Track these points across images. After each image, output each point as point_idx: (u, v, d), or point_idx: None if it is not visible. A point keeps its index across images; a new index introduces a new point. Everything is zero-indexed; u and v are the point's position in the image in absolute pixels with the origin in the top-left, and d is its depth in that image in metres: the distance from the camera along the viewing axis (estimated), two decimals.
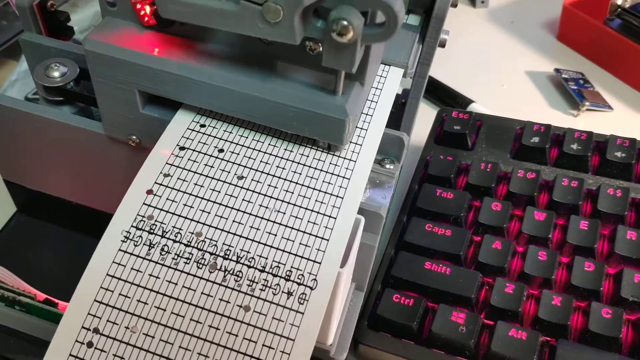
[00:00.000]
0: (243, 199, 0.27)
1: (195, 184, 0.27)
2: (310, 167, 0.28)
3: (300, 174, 0.28)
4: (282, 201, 0.27)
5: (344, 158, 0.29)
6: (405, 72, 0.34)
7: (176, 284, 0.25)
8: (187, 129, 0.29)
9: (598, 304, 0.34)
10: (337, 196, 0.27)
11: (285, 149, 0.28)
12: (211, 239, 0.26)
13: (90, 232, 0.38)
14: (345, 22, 0.23)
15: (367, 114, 0.31)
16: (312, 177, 0.28)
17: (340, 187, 0.28)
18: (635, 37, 0.54)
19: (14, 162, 0.37)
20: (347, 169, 0.28)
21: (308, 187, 0.27)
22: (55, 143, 0.34)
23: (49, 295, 0.31)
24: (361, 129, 0.30)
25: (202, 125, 0.29)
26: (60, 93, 0.33)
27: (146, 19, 0.28)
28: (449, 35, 0.36)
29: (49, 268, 0.38)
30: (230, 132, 0.29)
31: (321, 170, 0.28)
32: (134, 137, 0.31)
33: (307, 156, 0.28)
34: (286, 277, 0.25)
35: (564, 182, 0.40)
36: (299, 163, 0.28)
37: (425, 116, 0.46)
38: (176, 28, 0.29)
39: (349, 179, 0.28)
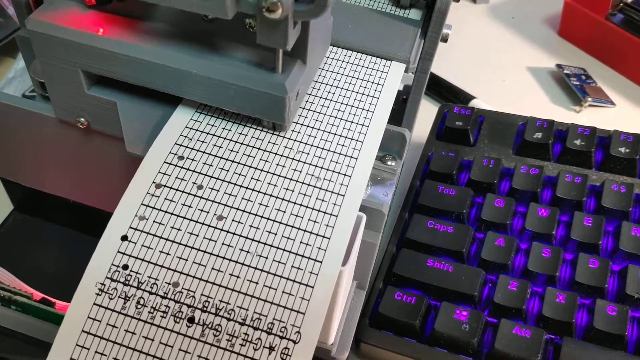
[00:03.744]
0: (223, 243, 0.25)
1: (172, 227, 0.25)
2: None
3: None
4: (265, 244, 0.25)
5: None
6: (407, 67, 0.33)
7: (153, 339, 0.23)
8: (164, 162, 0.27)
9: (603, 301, 0.33)
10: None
11: (269, 183, 0.27)
12: (188, 290, 0.24)
13: (88, 230, 0.38)
14: None
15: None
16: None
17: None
18: (638, 32, 0.53)
19: (10, 159, 0.36)
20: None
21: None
22: (51, 140, 0.33)
23: (46, 294, 0.30)
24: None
25: (180, 158, 0.27)
26: None
27: None
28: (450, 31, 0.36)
29: (46, 267, 0.38)
30: (210, 165, 0.27)
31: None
32: (82, 120, 0.30)
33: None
34: (268, 330, 0.24)
35: (567, 178, 0.39)
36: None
37: (426, 112, 0.46)
38: (117, 6, 0.28)
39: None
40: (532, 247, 0.36)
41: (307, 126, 0.29)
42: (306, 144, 0.28)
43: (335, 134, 0.29)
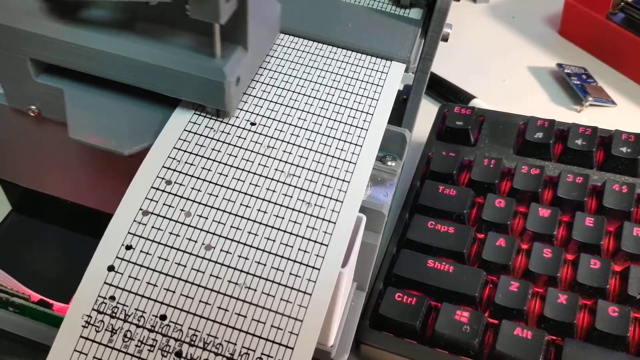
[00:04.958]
0: (211, 275, 0.25)
1: (160, 258, 0.25)
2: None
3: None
4: (253, 275, 0.25)
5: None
6: (407, 67, 0.33)
7: None
8: (152, 187, 0.26)
9: (605, 302, 0.33)
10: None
11: (259, 210, 0.26)
12: (176, 323, 0.24)
13: (87, 231, 0.38)
14: None
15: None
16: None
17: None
18: (639, 32, 0.53)
19: (8, 160, 0.36)
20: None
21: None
22: (48, 140, 0.33)
23: (44, 296, 0.30)
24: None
25: (168, 183, 0.26)
26: None
27: None
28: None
29: (44, 268, 0.37)
30: (199, 190, 0.26)
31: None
32: (33, 107, 0.30)
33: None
34: None
35: (568, 178, 0.39)
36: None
37: (426, 112, 0.45)
38: None
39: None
40: (533, 247, 0.36)
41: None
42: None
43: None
